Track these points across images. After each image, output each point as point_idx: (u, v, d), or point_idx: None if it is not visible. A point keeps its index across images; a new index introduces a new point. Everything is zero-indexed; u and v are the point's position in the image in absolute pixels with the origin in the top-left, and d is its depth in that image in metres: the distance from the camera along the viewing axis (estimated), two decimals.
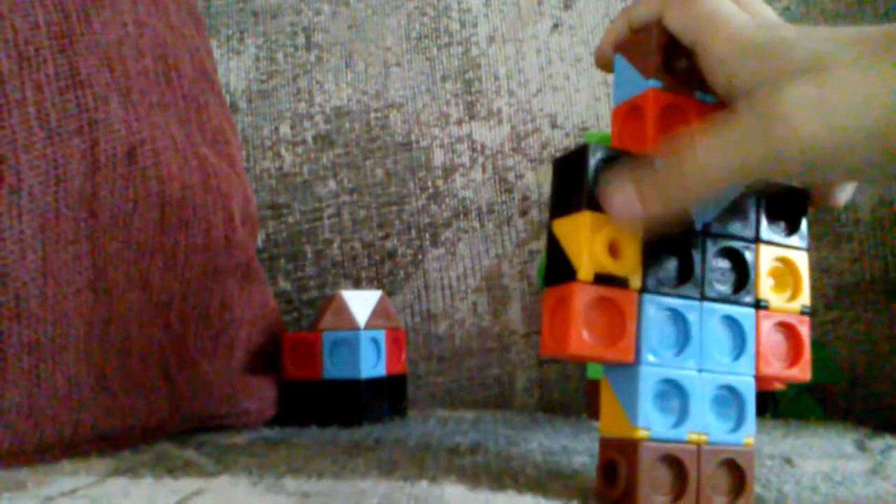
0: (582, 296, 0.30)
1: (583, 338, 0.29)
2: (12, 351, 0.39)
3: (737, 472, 0.31)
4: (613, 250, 0.30)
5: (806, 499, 0.33)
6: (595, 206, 0.30)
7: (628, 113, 0.33)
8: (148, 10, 0.51)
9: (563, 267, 0.30)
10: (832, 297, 0.65)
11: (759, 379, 0.32)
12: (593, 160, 0.31)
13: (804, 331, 0.33)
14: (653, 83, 0.32)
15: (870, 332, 0.64)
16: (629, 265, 0.31)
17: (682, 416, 0.31)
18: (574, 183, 0.31)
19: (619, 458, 0.31)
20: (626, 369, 0.31)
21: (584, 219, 0.30)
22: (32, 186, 0.40)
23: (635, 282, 0.31)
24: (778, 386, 0.34)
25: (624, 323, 0.30)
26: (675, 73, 0.33)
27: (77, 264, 0.42)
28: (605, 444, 0.32)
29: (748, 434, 0.32)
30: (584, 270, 0.30)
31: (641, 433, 0.30)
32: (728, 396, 0.32)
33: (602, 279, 0.30)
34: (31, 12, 0.42)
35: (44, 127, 0.41)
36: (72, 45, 0.43)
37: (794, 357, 0.33)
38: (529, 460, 0.39)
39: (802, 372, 0.33)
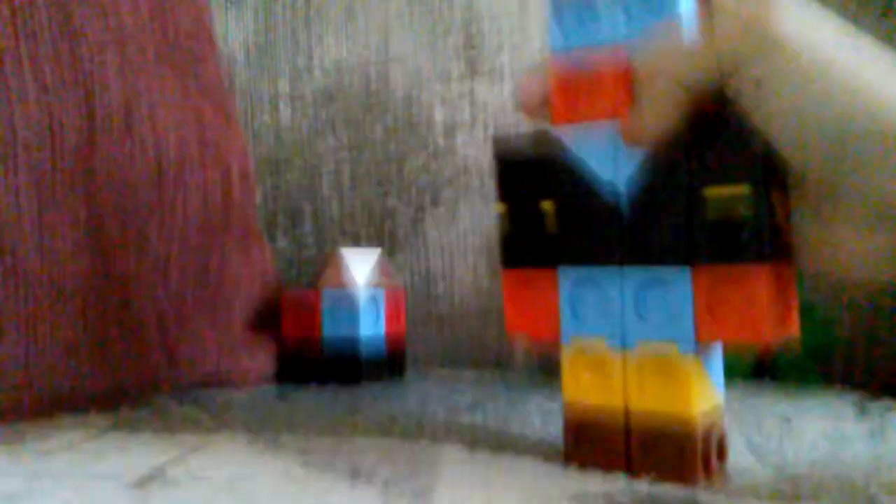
0: (786, 277, 0.29)
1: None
2: (8, 307, 0.39)
3: None
4: None
5: (805, 455, 0.33)
6: None
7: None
8: None
9: (747, 242, 0.27)
10: None
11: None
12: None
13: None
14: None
15: (870, 295, 0.64)
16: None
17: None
18: (741, 151, 0.27)
19: (713, 430, 0.30)
20: (716, 344, 0.30)
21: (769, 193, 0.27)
22: (27, 139, 0.40)
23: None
24: None
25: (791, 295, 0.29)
26: None
27: (73, 219, 0.42)
28: (703, 417, 0.29)
29: None
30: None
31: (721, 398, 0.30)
32: None
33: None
34: None
35: (38, 78, 0.40)
36: None
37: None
38: (528, 421, 0.39)
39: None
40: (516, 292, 0.32)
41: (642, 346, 0.29)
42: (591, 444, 0.30)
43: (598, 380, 0.30)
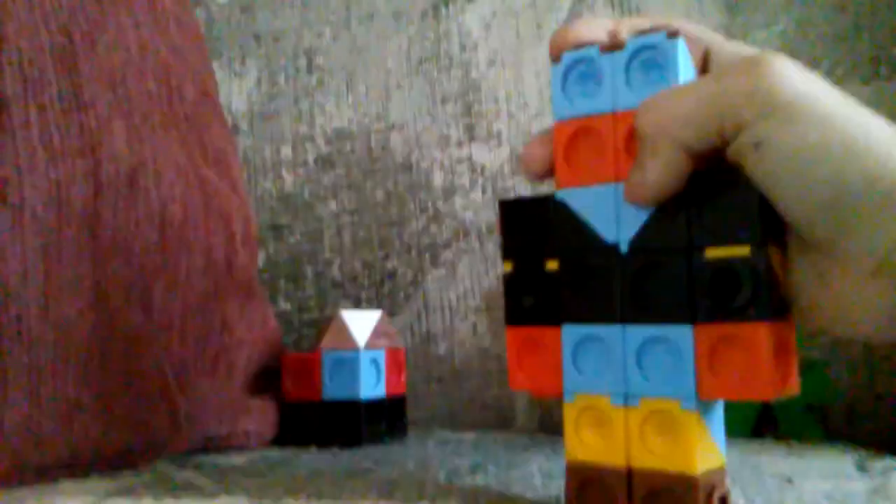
0: (789, 335, 0.29)
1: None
2: (13, 370, 0.39)
3: None
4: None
5: None
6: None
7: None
8: (151, 32, 0.52)
9: (765, 300, 0.28)
10: None
11: None
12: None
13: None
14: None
15: (870, 353, 0.64)
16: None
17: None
18: (742, 210, 0.28)
19: (723, 489, 0.30)
20: (718, 402, 0.30)
21: (771, 253, 0.28)
22: (35, 207, 0.40)
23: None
24: None
25: (790, 353, 0.30)
26: None
27: (79, 285, 0.42)
28: (705, 478, 0.29)
29: None
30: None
31: (724, 459, 0.30)
32: None
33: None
34: (37, 35, 0.42)
35: (47, 148, 0.41)
36: (76, 68, 0.44)
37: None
38: (529, 483, 0.39)
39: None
40: (520, 349, 0.32)
41: (645, 403, 0.29)
42: (594, 502, 0.30)
43: (601, 437, 0.30)
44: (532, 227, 0.32)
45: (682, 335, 0.28)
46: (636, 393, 0.29)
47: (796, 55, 0.31)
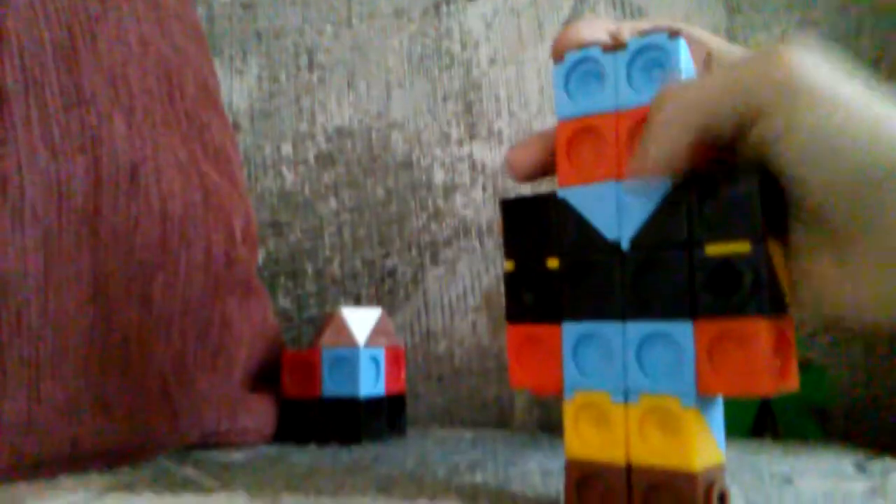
0: (789, 331, 0.29)
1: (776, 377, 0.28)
2: (12, 365, 0.39)
3: None
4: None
5: None
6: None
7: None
8: (152, 29, 0.52)
9: (766, 297, 0.28)
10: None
11: None
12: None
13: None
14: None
15: (869, 354, 0.64)
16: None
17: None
18: (743, 206, 0.28)
19: (722, 486, 0.30)
20: (713, 399, 0.30)
21: (774, 248, 0.29)
22: (35, 202, 0.40)
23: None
24: None
25: (789, 348, 0.29)
26: None
27: (78, 280, 0.42)
28: (703, 474, 0.29)
29: None
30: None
31: (723, 456, 0.30)
32: None
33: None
34: (37, 31, 0.42)
35: (48, 144, 0.41)
36: (76, 64, 0.44)
37: None
38: (528, 481, 0.39)
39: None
40: (521, 347, 0.33)
41: (645, 399, 0.29)
42: (594, 499, 0.30)
43: (601, 434, 0.30)
44: (533, 225, 0.32)
45: (682, 331, 0.29)
46: (636, 389, 0.30)
47: None
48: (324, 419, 0.55)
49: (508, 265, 0.33)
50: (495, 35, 0.76)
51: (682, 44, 0.30)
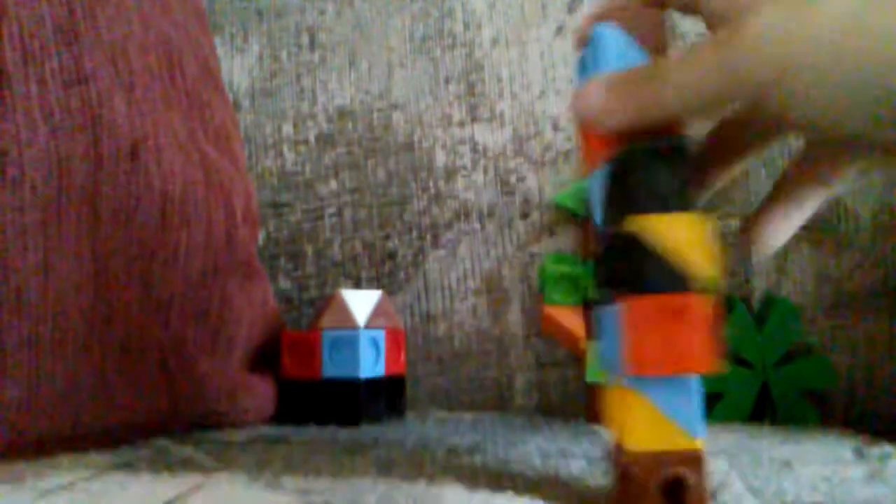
0: (703, 309, 0.27)
1: (712, 355, 0.27)
2: (12, 345, 0.39)
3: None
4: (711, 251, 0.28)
5: (804, 498, 0.33)
6: (697, 205, 0.28)
7: None
8: (153, 7, 0.51)
9: (670, 274, 0.27)
10: (831, 304, 0.65)
11: None
12: (687, 154, 0.28)
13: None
14: None
15: (869, 339, 0.64)
16: (717, 268, 0.28)
17: (702, 418, 0.30)
18: (668, 178, 0.28)
19: (686, 472, 0.29)
20: (679, 380, 0.29)
21: (698, 220, 0.28)
22: (35, 181, 0.40)
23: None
24: None
25: (718, 329, 0.28)
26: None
27: (78, 259, 0.42)
28: (649, 459, 0.29)
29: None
30: (701, 281, 0.27)
31: (699, 443, 0.29)
32: None
33: (710, 286, 0.28)
34: (37, 8, 0.42)
35: (47, 122, 0.41)
36: (77, 41, 0.43)
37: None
38: (528, 463, 0.39)
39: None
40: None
41: (615, 382, 0.30)
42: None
43: (611, 416, 0.31)
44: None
45: (613, 311, 0.29)
46: (610, 372, 0.30)
47: None
48: (323, 400, 0.55)
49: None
50: (498, 16, 0.75)
51: (603, 32, 0.30)
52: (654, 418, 0.29)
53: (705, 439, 0.29)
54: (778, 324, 0.62)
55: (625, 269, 0.28)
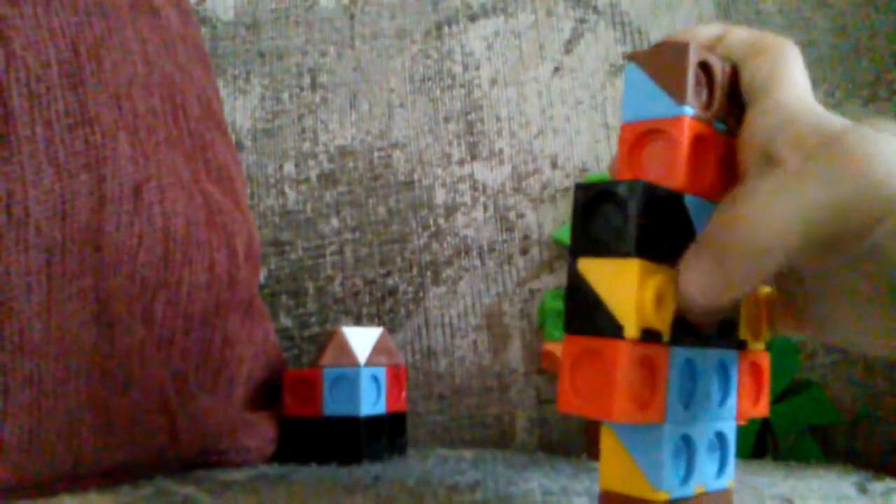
0: (629, 357, 0.26)
1: (628, 404, 0.27)
2: (14, 384, 0.39)
3: None
4: (656, 300, 0.27)
5: None
6: (644, 252, 0.27)
7: (645, 135, 0.30)
8: (157, 49, 0.52)
9: (600, 318, 0.27)
10: None
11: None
12: (646, 199, 0.27)
13: (766, 367, 0.33)
14: (688, 110, 0.29)
15: (870, 373, 0.64)
16: (666, 316, 0.28)
17: (690, 470, 0.29)
18: (615, 222, 0.27)
19: None
20: (647, 427, 0.28)
21: (634, 267, 0.27)
22: (39, 221, 0.41)
23: (668, 336, 0.28)
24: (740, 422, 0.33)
25: (655, 380, 0.28)
26: (702, 97, 0.30)
27: (81, 299, 0.42)
28: (614, 500, 0.29)
29: (729, 477, 0.31)
30: (633, 328, 0.26)
31: (662, 496, 0.28)
32: (715, 441, 0.31)
33: (645, 335, 0.27)
34: (44, 51, 0.43)
35: (52, 163, 0.42)
36: (82, 84, 0.44)
37: (757, 394, 0.33)
38: (529, 500, 0.39)
39: (764, 408, 0.33)
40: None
41: None
42: None
43: None
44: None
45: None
46: None
47: None
48: (325, 438, 0.55)
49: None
50: (496, 57, 0.76)
51: (631, 68, 0.30)
52: (623, 460, 0.29)
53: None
54: (778, 359, 0.62)
55: (569, 307, 0.28)
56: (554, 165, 0.73)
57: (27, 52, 0.42)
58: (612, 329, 0.27)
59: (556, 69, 0.75)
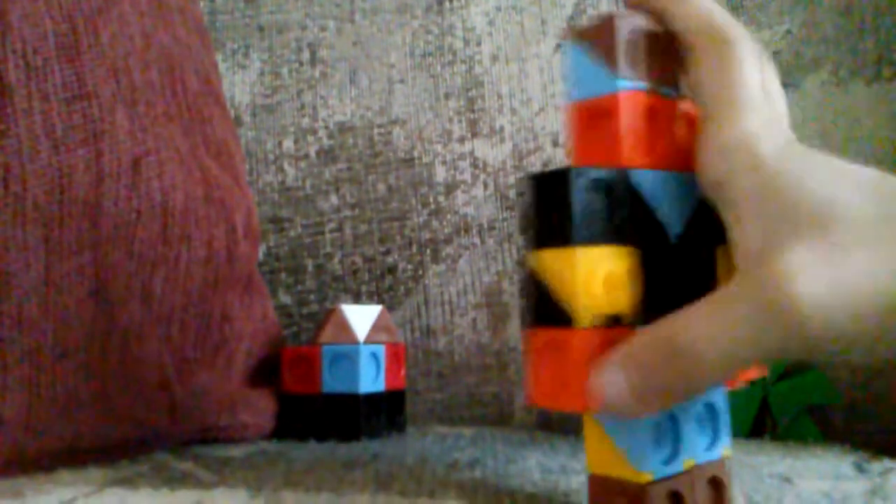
0: (586, 346, 0.26)
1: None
2: (13, 359, 0.39)
3: (718, 486, 0.31)
4: (609, 284, 0.27)
5: None
6: (586, 239, 0.26)
7: (591, 115, 0.29)
8: (155, 22, 0.52)
9: (554, 309, 0.27)
10: None
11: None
12: (580, 185, 0.27)
13: None
14: (622, 83, 0.28)
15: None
16: (625, 299, 0.27)
17: (676, 446, 0.29)
18: (558, 211, 0.27)
19: (623, 501, 0.28)
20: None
21: (575, 256, 0.26)
22: (37, 195, 0.40)
23: (633, 316, 0.27)
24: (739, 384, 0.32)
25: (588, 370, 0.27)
26: (643, 67, 0.29)
27: (79, 274, 0.42)
28: (600, 483, 0.29)
29: (725, 446, 0.31)
30: (585, 316, 0.26)
31: (646, 477, 0.28)
32: (705, 413, 0.31)
33: (606, 320, 0.27)
34: (40, 23, 0.42)
35: (49, 137, 0.41)
36: (79, 56, 0.44)
37: None
38: (527, 478, 0.39)
39: (760, 369, 0.33)
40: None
41: None
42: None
43: None
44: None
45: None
46: None
47: (801, 55, 0.31)
48: (323, 415, 0.55)
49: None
50: (498, 32, 0.75)
51: (570, 49, 0.29)
52: (606, 445, 0.29)
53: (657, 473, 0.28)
54: None
55: (527, 301, 0.28)
56: (555, 143, 0.73)
57: (23, 23, 0.42)
58: (565, 320, 0.27)
59: (559, 45, 0.75)
